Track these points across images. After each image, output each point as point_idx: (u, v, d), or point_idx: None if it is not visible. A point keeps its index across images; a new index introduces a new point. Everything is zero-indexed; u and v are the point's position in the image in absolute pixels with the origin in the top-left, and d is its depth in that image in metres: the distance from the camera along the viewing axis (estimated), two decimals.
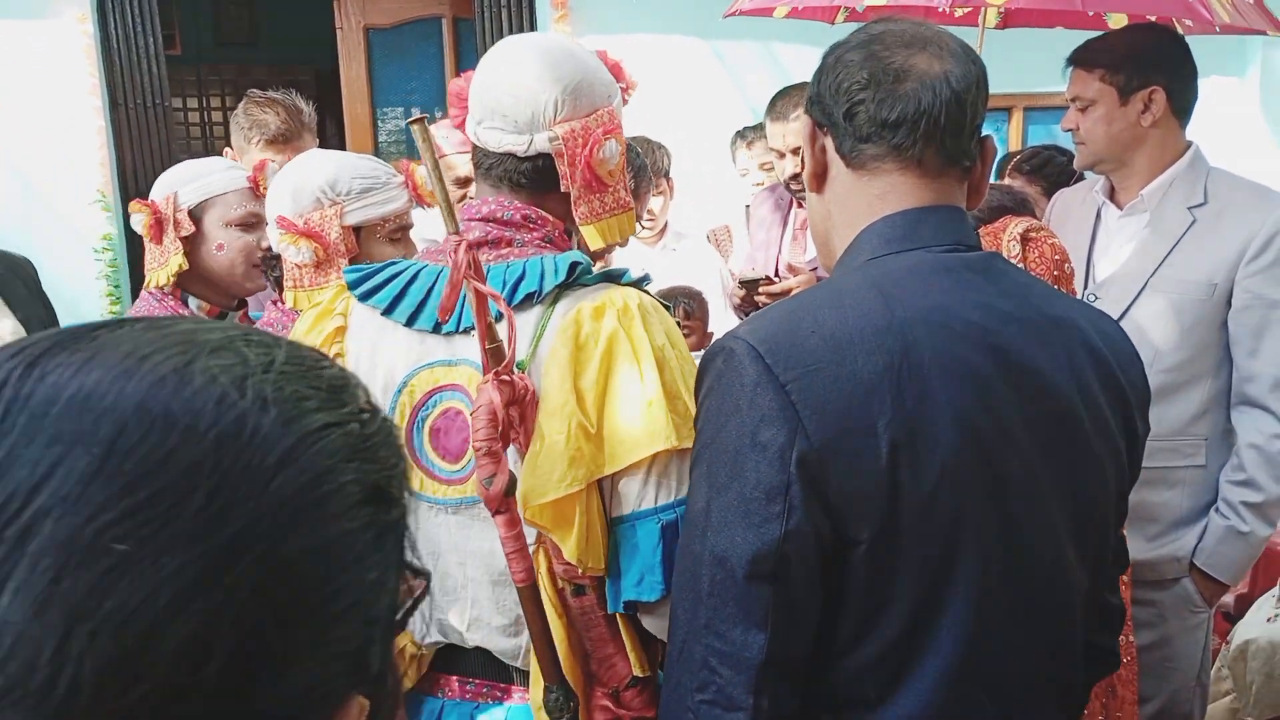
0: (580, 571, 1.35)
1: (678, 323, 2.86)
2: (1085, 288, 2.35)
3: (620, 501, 1.35)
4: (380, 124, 6.04)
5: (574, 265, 1.38)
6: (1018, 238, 2.04)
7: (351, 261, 1.93)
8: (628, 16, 5.43)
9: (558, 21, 5.43)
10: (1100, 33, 2.38)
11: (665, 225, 3.69)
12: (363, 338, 1.48)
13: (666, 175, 3.59)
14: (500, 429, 1.31)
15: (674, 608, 1.13)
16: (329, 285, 1.85)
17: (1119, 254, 2.33)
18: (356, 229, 1.96)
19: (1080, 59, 2.30)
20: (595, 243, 1.48)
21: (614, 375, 1.32)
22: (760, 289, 2.88)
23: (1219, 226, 2.18)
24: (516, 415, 1.35)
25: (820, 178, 1.24)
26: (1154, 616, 2.30)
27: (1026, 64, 4.06)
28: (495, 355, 1.32)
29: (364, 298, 1.47)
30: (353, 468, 0.54)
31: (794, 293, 2.47)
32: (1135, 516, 2.24)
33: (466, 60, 5.80)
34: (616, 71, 1.54)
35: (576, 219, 1.46)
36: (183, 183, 2.19)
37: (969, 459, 1.09)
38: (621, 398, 1.32)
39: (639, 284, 1.44)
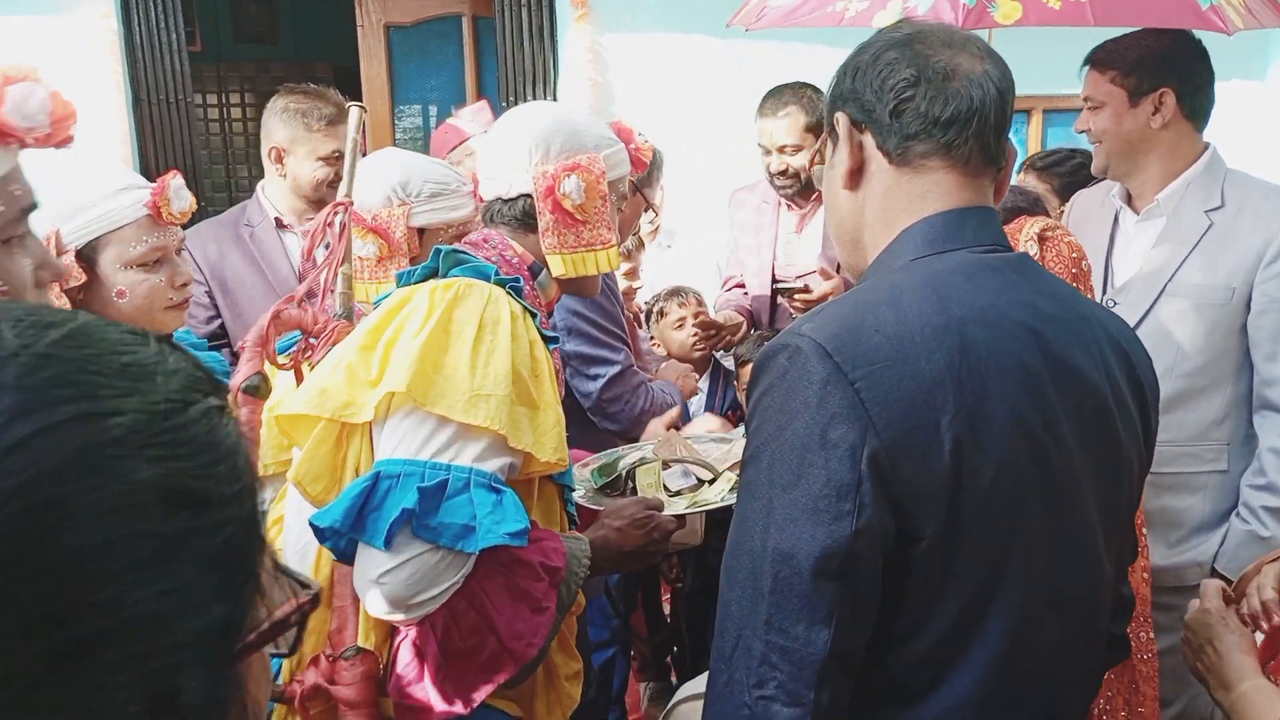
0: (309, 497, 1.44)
1: (696, 313, 2.83)
2: (1104, 293, 2.35)
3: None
4: (398, 121, 6.06)
5: (436, 252, 1.55)
6: (1035, 237, 2.04)
7: (413, 261, 1.97)
8: (647, 14, 5.43)
9: (578, 20, 5.44)
10: (1119, 33, 2.38)
11: (658, 225, 3.74)
12: None
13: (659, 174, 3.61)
14: (265, 338, 1.51)
15: (726, 605, 1.13)
16: (388, 280, 1.90)
17: (1136, 258, 2.32)
18: (421, 230, 1.99)
19: (1094, 60, 2.31)
20: (557, 269, 1.63)
21: (399, 334, 1.42)
22: (796, 297, 2.91)
23: (1237, 230, 2.17)
24: (317, 343, 1.60)
25: (856, 174, 1.24)
26: (1176, 621, 2.27)
27: (1046, 66, 4.05)
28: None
29: None
30: (127, 465, 0.49)
31: (830, 298, 2.48)
32: (1157, 522, 2.25)
33: (486, 58, 5.81)
34: (624, 135, 1.73)
35: (544, 248, 1.62)
36: (64, 217, 1.75)
37: (1022, 455, 1.11)
38: (393, 351, 1.41)
39: (506, 284, 1.53)
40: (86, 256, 1.76)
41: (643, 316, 3.34)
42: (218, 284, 2.80)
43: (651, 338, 3.26)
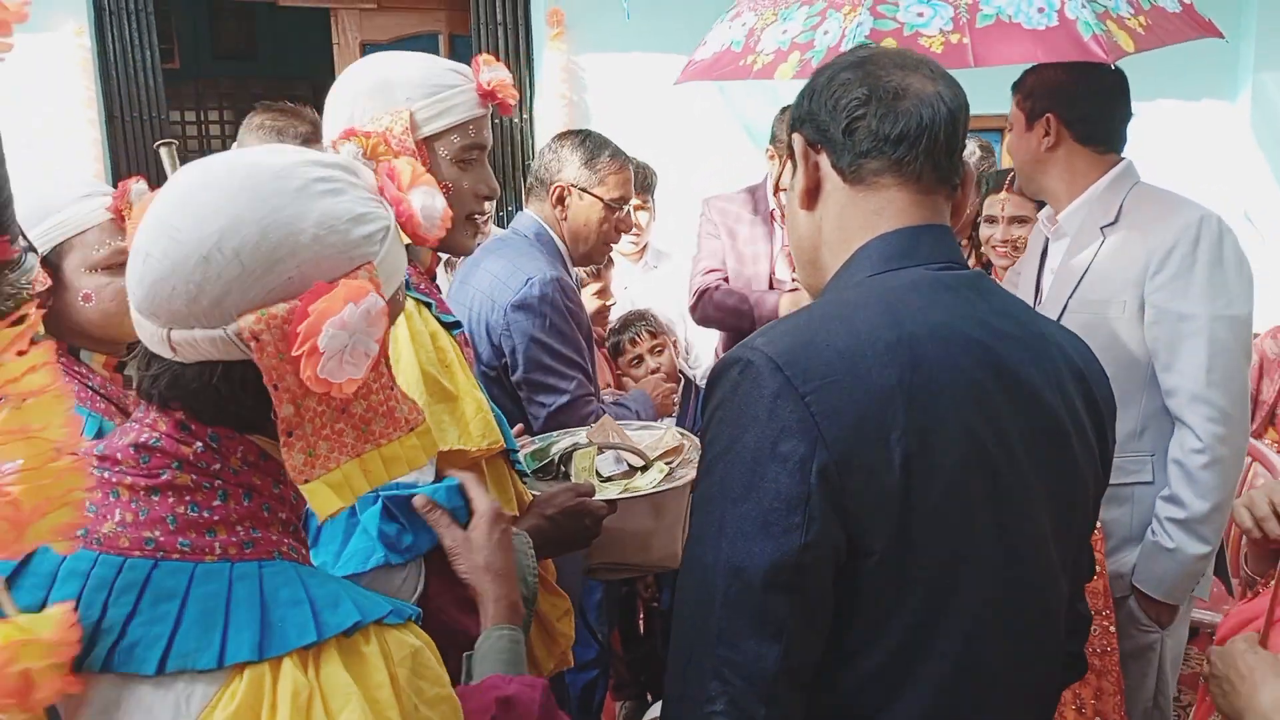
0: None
1: (652, 347, 2.83)
2: None
3: None
4: None
5: None
6: None
7: None
8: (622, 34, 5.46)
9: (553, 39, 5.46)
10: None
11: (646, 244, 3.73)
12: None
13: (651, 194, 3.60)
14: None
15: (680, 620, 1.12)
16: None
17: (1050, 276, 2.37)
18: None
19: (1015, 83, 2.37)
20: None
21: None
22: None
23: (1124, 244, 2.20)
24: None
25: (812, 195, 1.25)
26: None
27: None
28: None
29: None
30: None
31: None
32: None
33: None
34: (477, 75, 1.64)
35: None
36: (28, 225, 1.68)
37: (973, 471, 1.11)
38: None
39: (422, 302, 1.53)
40: (52, 263, 1.71)
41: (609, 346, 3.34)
42: None
43: (620, 374, 3.26)
